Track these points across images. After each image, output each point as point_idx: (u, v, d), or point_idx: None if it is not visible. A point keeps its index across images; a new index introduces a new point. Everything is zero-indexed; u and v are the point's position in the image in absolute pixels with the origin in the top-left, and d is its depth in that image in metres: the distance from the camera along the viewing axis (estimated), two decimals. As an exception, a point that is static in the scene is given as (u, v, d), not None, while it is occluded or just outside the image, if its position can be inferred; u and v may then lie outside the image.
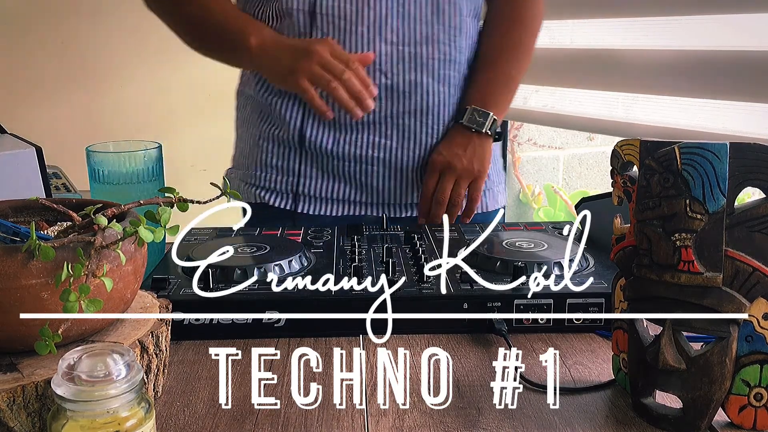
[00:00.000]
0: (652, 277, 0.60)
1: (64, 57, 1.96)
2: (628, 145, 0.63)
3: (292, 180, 1.15)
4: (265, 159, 1.16)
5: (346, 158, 1.12)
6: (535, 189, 2.74)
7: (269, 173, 1.16)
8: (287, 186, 1.15)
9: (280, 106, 1.12)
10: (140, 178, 0.94)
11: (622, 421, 0.63)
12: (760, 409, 0.60)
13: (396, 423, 0.62)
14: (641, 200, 0.61)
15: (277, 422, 0.62)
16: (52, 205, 0.68)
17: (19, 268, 0.55)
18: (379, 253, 0.92)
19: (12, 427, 0.54)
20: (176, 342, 0.76)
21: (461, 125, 1.11)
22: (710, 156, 0.58)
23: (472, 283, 0.80)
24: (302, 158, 1.14)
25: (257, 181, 1.17)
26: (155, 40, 2.03)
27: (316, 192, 1.15)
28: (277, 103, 1.13)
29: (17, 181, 0.93)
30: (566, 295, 0.78)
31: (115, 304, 0.62)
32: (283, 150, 1.14)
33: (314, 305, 0.78)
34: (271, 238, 0.99)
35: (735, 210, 0.58)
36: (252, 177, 1.18)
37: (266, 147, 1.16)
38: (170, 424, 0.62)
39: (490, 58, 1.14)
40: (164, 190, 0.65)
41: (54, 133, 1.78)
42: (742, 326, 0.59)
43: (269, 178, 1.16)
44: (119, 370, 0.50)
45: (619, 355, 0.67)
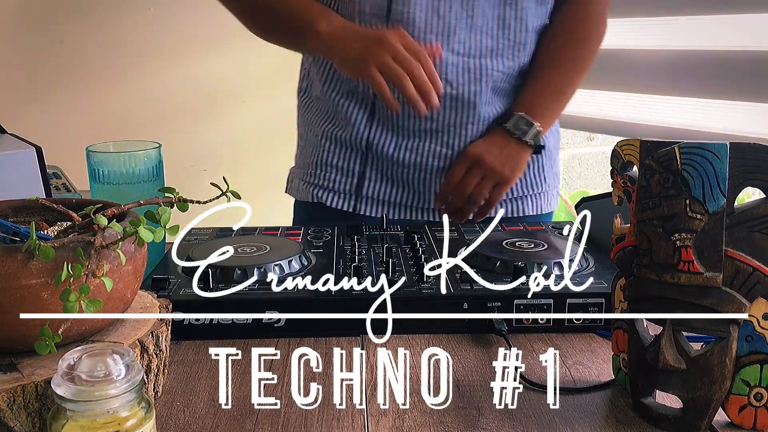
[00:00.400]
0: (652, 277, 0.60)
1: (64, 57, 1.96)
2: (628, 145, 0.63)
3: (354, 181, 1.15)
4: (326, 159, 1.16)
5: (407, 165, 1.12)
6: (535, 189, 2.73)
7: (330, 173, 1.16)
8: (348, 187, 1.15)
9: (347, 108, 1.12)
10: (140, 178, 0.94)
11: (622, 421, 0.63)
12: (760, 409, 0.60)
13: (396, 423, 0.62)
14: (641, 200, 0.61)
15: (277, 422, 0.62)
16: (52, 205, 0.68)
17: (19, 268, 0.55)
18: (379, 253, 0.92)
19: (12, 427, 0.54)
20: (176, 342, 0.76)
21: (504, 129, 1.10)
22: (710, 156, 0.58)
23: (472, 283, 0.80)
24: (365, 161, 1.14)
25: (317, 180, 1.18)
26: (155, 40, 2.03)
27: (377, 194, 1.15)
28: (343, 105, 1.13)
29: (17, 181, 0.93)
30: (566, 295, 0.78)
31: (115, 304, 0.62)
32: (346, 151, 1.15)
33: (314, 305, 0.78)
34: (271, 238, 0.99)
35: (735, 210, 0.58)
36: (312, 176, 1.18)
37: (329, 147, 1.16)
38: (170, 424, 0.62)
39: (547, 69, 1.13)
40: (164, 190, 0.65)
41: (54, 133, 1.77)
42: (742, 326, 0.59)
43: (329, 178, 1.16)
44: (119, 370, 0.50)
45: (619, 355, 0.67)
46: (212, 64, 2.05)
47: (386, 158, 1.13)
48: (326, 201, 1.17)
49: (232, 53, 2.01)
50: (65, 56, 1.96)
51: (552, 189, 1.22)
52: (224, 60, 2.05)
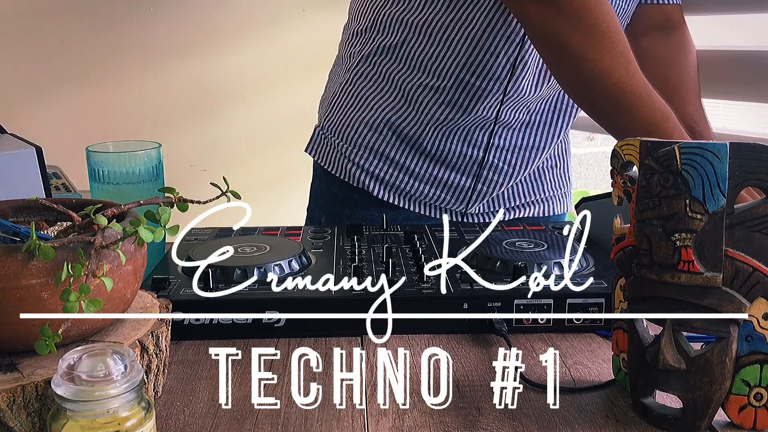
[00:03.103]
0: (652, 277, 0.60)
1: (64, 57, 1.96)
2: (628, 145, 0.63)
3: (414, 183, 1.13)
4: (383, 149, 1.11)
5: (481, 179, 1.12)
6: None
7: (385, 165, 1.12)
8: (405, 185, 1.13)
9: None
10: (140, 178, 0.94)
11: (622, 421, 0.63)
12: (760, 409, 0.60)
13: (396, 423, 0.62)
14: (641, 200, 0.61)
15: (277, 422, 0.62)
16: (52, 205, 0.68)
17: (19, 268, 0.55)
18: (379, 253, 0.92)
19: (12, 427, 0.54)
20: (176, 342, 0.76)
21: None
22: (710, 156, 0.58)
23: (472, 283, 0.80)
24: (431, 164, 1.12)
25: (365, 163, 1.12)
26: (155, 40, 2.03)
27: (437, 200, 1.14)
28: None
29: (17, 181, 0.93)
30: (566, 295, 0.78)
31: (115, 304, 0.62)
32: (402, 143, 1.11)
33: (314, 305, 0.78)
34: (271, 238, 0.99)
35: (735, 210, 0.58)
36: (358, 157, 1.12)
37: (391, 140, 1.11)
38: (170, 424, 0.62)
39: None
40: (164, 190, 0.65)
41: (54, 133, 1.77)
42: (742, 326, 0.59)
43: (383, 169, 1.12)
44: (119, 370, 0.50)
45: (619, 355, 0.67)
46: (212, 64, 2.05)
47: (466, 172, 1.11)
48: (371, 189, 1.12)
49: (232, 53, 2.01)
50: (65, 56, 1.96)
51: (571, 189, 1.22)
52: (224, 60, 2.05)
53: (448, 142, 1.09)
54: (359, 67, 1.13)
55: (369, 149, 1.12)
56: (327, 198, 1.19)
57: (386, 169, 1.11)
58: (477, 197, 1.14)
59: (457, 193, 1.13)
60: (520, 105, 1.07)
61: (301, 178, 1.31)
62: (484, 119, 1.06)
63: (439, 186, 1.12)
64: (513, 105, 1.06)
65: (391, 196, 1.13)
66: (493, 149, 1.10)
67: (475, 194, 1.13)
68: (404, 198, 1.13)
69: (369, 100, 1.11)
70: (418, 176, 1.11)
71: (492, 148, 1.09)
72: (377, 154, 1.11)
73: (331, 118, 1.17)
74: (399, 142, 1.10)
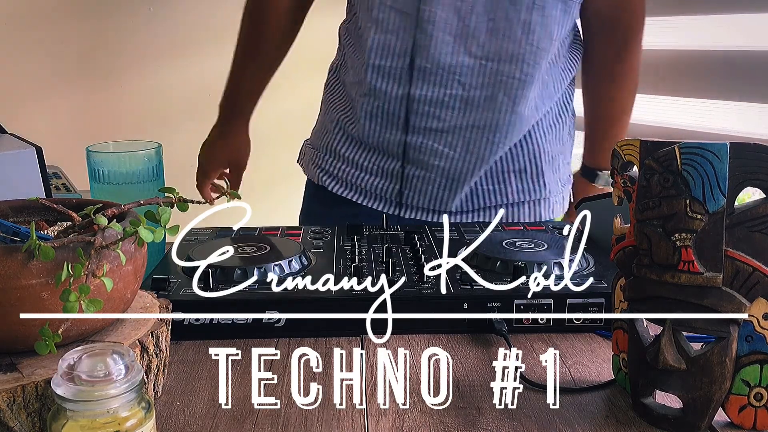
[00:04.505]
0: (652, 277, 0.60)
1: (64, 57, 1.96)
2: (628, 145, 0.63)
3: (355, 173, 1.18)
4: (336, 147, 1.21)
5: (412, 162, 1.13)
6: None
7: (337, 161, 1.21)
8: (350, 177, 1.19)
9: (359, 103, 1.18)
10: (140, 178, 0.94)
11: (622, 421, 0.63)
12: (760, 409, 0.60)
13: (396, 423, 0.62)
14: (641, 200, 0.61)
15: (277, 422, 0.62)
16: (52, 205, 0.68)
17: (19, 268, 0.55)
18: (379, 253, 0.92)
19: (12, 427, 0.54)
20: (176, 342, 0.76)
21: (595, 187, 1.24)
22: (710, 156, 0.58)
23: (472, 283, 0.80)
24: (366, 153, 1.17)
25: (323, 164, 1.23)
26: (155, 40, 2.03)
27: (375, 189, 1.17)
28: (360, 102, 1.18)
29: (17, 181, 0.93)
30: (566, 295, 0.78)
31: (115, 304, 0.62)
32: (354, 145, 1.19)
33: (314, 305, 0.78)
34: (271, 238, 0.99)
35: (735, 210, 0.58)
36: (320, 159, 1.24)
37: (340, 138, 1.20)
38: (170, 424, 0.62)
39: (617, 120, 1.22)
40: (164, 190, 0.65)
41: (54, 133, 1.77)
42: (742, 326, 0.59)
43: (335, 165, 1.21)
44: (119, 370, 0.50)
45: (619, 355, 0.67)
46: (212, 64, 2.04)
47: (390, 153, 1.14)
48: (329, 186, 1.20)
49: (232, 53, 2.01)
50: (65, 56, 1.96)
51: (554, 195, 1.20)
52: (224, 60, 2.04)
53: (374, 126, 1.14)
54: (329, 80, 1.27)
55: (326, 149, 1.23)
56: (306, 201, 1.31)
57: (338, 165, 1.21)
58: (412, 182, 1.14)
59: (390, 177, 1.16)
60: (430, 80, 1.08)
61: (300, 178, 1.32)
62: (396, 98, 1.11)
63: (375, 172, 1.17)
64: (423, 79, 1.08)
65: (344, 191, 1.20)
66: (414, 130, 1.11)
67: (409, 181, 1.14)
68: (355, 191, 1.19)
69: (330, 107, 1.24)
70: (358, 165, 1.18)
71: (412, 128, 1.11)
72: (331, 152, 1.22)
73: (313, 130, 1.32)
74: (344, 137, 1.20)
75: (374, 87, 1.11)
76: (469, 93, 1.07)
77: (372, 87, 1.11)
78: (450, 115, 1.08)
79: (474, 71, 1.06)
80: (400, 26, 1.06)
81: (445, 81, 1.06)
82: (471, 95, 1.07)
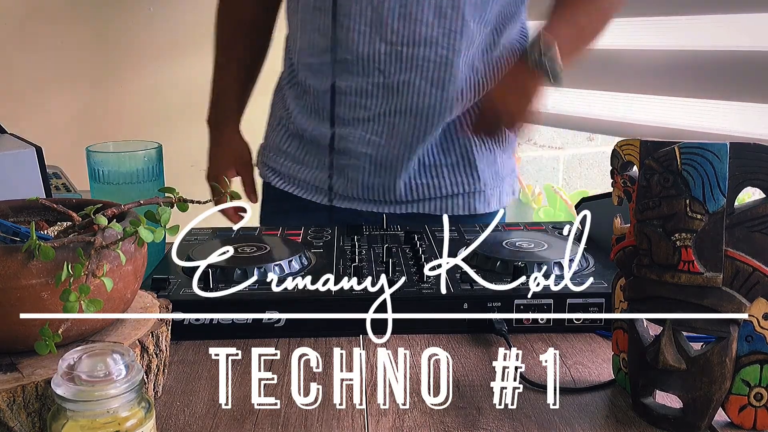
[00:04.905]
0: (652, 277, 0.60)
1: (64, 57, 1.95)
2: (628, 145, 0.63)
3: (293, 166, 1.21)
4: (278, 143, 1.23)
5: (342, 152, 1.14)
6: (535, 189, 2.74)
7: (275, 155, 1.24)
8: (290, 171, 1.21)
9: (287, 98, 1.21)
10: (140, 178, 0.94)
11: (622, 421, 0.63)
12: (760, 409, 0.60)
13: (396, 423, 0.62)
14: (641, 200, 0.61)
15: (277, 422, 0.62)
16: (52, 205, 0.68)
17: (19, 268, 0.55)
18: (379, 253, 0.92)
19: (12, 427, 0.54)
20: (176, 342, 0.76)
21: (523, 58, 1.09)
22: (710, 156, 0.58)
23: (472, 283, 0.80)
24: (302, 146, 1.19)
25: (269, 161, 1.25)
26: (155, 40, 2.02)
27: (310, 180, 1.19)
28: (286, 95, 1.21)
29: (17, 181, 0.93)
30: (566, 295, 0.78)
31: (115, 304, 0.62)
32: (288, 136, 1.21)
33: (314, 305, 0.78)
34: (271, 238, 0.99)
35: (735, 210, 0.58)
36: (267, 157, 1.27)
37: (280, 132, 1.23)
38: (170, 424, 0.62)
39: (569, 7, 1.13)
40: (164, 190, 0.65)
41: (54, 133, 1.77)
42: (742, 326, 0.59)
43: (275, 159, 1.24)
44: (119, 370, 0.50)
45: (619, 355, 0.67)
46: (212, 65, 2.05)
47: (323, 145, 1.16)
48: (273, 182, 1.23)
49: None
50: (65, 56, 1.96)
51: (490, 189, 1.20)
52: (224, 60, 2.04)
53: (307, 120, 1.17)
54: (276, 85, 1.30)
55: (270, 148, 1.26)
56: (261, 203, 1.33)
57: (280, 161, 1.23)
58: (343, 171, 1.15)
59: (322, 168, 1.17)
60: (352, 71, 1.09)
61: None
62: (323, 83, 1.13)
63: (309, 164, 1.19)
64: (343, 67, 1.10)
65: (285, 185, 1.22)
66: (341, 121, 1.13)
67: (340, 171, 1.15)
68: (295, 185, 1.21)
69: (275, 108, 1.27)
70: (296, 158, 1.20)
71: (339, 120, 1.13)
72: (275, 150, 1.24)
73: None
74: (286, 133, 1.22)
75: (305, 84, 1.15)
76: (388, 79, 1.08)
77: (303, 84, 1.15)
78: (374, 102, 1.10)
79: (391, 58, 1.07)
80: (322, 23, 1.09)
81: (366, 70, 1.08)
82: (391, 81, 1.08)
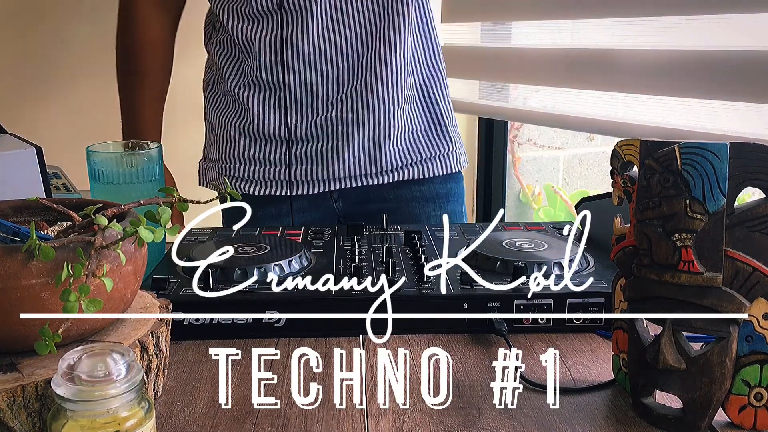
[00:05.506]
0: (652, 277, 0.60)
1: (64, 57, 1.95)
2: (628, 145, 0.63)
3: (252, 168, 1.21)
4: (244, 153, 1.22)
5: (313, 138, 1.17)
6: (535, 189, 2.74)
7: (252, 165, 1.22)
8: (249, 174, 1.22)
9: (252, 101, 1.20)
10: (140, 178, 0.94)
11: (622, 421, 0.63)
12: (760, 409, 0.60)
13: (396, 423, 0.62)
14: (641, 200, 0.61)
15: (277, 422, 0.62)
16: (52, 205, 0.68)
17: (19, 268, 0.55)
18: (379, 253, 0.92)
19: (12, 427, 0.54)
20: (176, 342, 0.76)
21: None
22: (710, 156, 0.58)
23: (472, 283, 0.80)
24: (258, 145, 1.21)
25: (239, 173, 1.23)
26: (155, 40, 2.02)
27: (268, 175, 1.20)
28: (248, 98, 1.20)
29: (17, 181, 0.93)
30: (566, 295, 0.78)
31: (115, 304, 0.62)
32: (261, 143, 1.21)
33: (314, 305, 0.78)
34: (271, 238, 0.99)
35: (735, 210, 0.58)
36: (234, 170, 1.24)
37: (243, 142, 1.22)
38: (170, 424, 0.62)
39: None
40: (164, 190, 0.65)
41: (54, 133, 1.77)
42: (742, 326, 0.59)
43: (252, 170, 1.23)
44: (119, 370, 0.50)
45: (619, 355, 0.67)
46: (212, 64, 2.05)
47: (301, 139, 1.17)
48: (256, 192, 1.21)
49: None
50: (65, 56, 1.96)
51: (458, 148, 1.28)
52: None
53: (270, 117, 1.18)
54: (208, 97, 1.32)
55: (225, 159, 1.25)
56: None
57: (239, 167, 1.23)
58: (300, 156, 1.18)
59: (278, 163, 1.19)
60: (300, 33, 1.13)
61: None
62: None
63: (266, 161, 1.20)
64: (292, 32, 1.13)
65: (252, 188, 1.22)
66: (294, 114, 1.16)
67: (297, 157, 1.18)
68: (254, 185, 1.21)
69: (219, 119, 1.26)
70: (254, 159, 1.21)
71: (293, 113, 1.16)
72: (233, 159, 1.23)
73: (206, 150, 1.33)
74: (246, 139, 1.21)
75: (270, 80, 1.16)
76: (360, 59, 1.14)
77: (268, 81, 1.16)
78: (348, 84, 1.15)
79: (357, 38, 1.13)
80: (274, 21, 1.13)
81: (337, 55, 1.13)
82: (360, 60, 1.14)
